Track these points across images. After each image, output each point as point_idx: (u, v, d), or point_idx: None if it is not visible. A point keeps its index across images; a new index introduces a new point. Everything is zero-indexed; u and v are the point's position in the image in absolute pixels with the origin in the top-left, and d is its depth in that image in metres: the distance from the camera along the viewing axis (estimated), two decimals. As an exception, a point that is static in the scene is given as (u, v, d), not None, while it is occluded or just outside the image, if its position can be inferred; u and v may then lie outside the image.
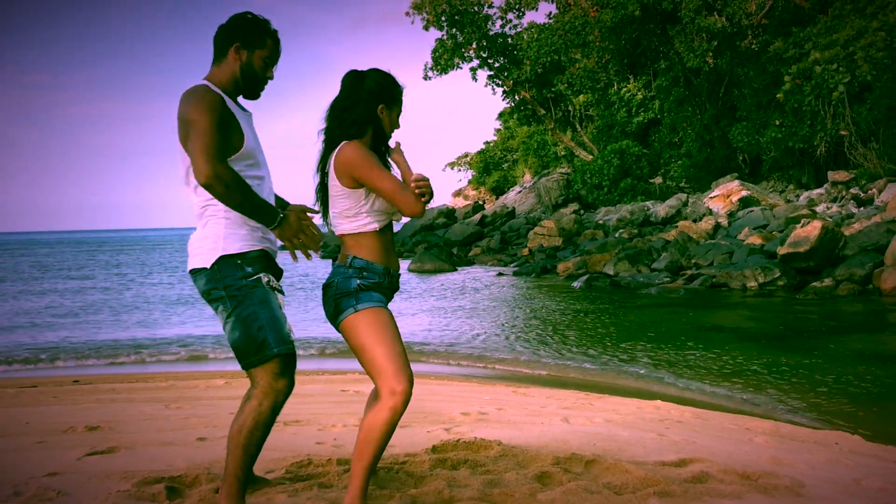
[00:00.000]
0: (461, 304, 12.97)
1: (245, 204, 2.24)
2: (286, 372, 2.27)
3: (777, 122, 20.69)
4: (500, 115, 40.54)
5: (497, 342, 9.11)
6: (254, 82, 2.41)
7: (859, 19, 18.69)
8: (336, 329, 2.36)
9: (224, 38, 2.37)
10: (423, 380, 6.17)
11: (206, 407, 4.55)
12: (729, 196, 20.16)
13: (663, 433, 3.87)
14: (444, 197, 43.30)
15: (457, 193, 41.72)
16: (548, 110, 30.30)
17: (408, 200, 2.31)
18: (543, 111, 30.05)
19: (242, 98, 2.46)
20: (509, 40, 28.59)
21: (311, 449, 3.22)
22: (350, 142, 2.34)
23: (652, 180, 25.60)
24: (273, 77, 2.45)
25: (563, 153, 32.45)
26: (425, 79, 28.64)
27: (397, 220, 2.49)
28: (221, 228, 2.28)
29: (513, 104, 31.27)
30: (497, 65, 29.01)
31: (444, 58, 27.88)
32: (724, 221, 18.81)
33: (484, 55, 28.43)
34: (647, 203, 23.08)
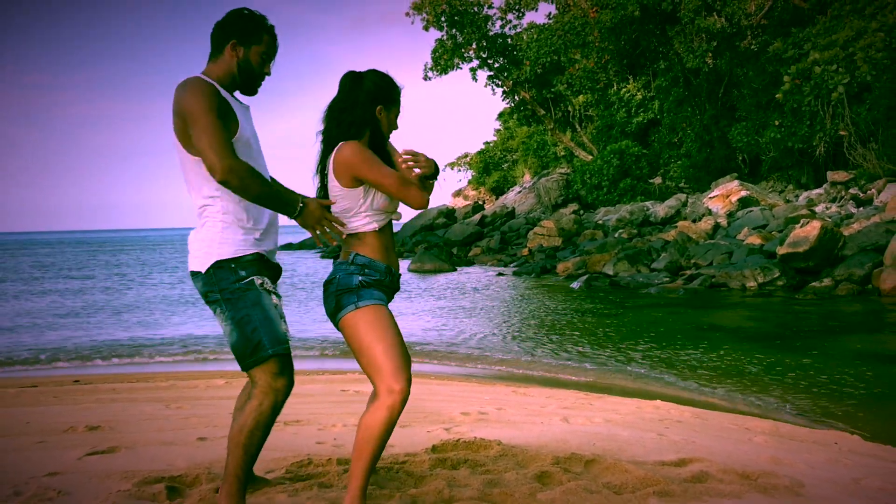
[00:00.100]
0: (461, 304, 12.98)
1: (262, 195, 2.24)
2: (285, 371, 2.28)
3: (776, 123, 20.70)
4: (500, 116, 40.56)
5: (497, 342, 9.11)
6: (251, 78, 2.40)
7: (858, 20, 18.71)
8: (335, 326, 2.35)
9: (220, 35, 2.37)
10: (423, 379, 6.17)
11: (207, 407, 4.55)
12: (728, 196, 20.17)
13: (663, 433, 3.87)
14: (444, 197, 43.29)
15: (457, 193, 41.72)
16: (547, 111, 30.31)
17: (412, 194, 2.33)
18: (543, 111, 30.06)
19: (240, 94, 2.45)
20: (509, 41, 28.60)
21: (312, 449, 3.23)
22: (348, 142, 2.34)
23: (651, 180, 25.61)
24: (270, 73, 2.44)
25: (563, 153, 32.47)
26: (425, 79, 28.65)
27: (396, 220, 2.49)
28: (217, 233, 2.28)
29: (512, 104, 31.28)
30: (497, 65, 29.02)
31: (444, 58, 27.89)
32: (724, 221, 18.82)
33: (484, 55, 28.44)
34: (647, 203, 23.09)
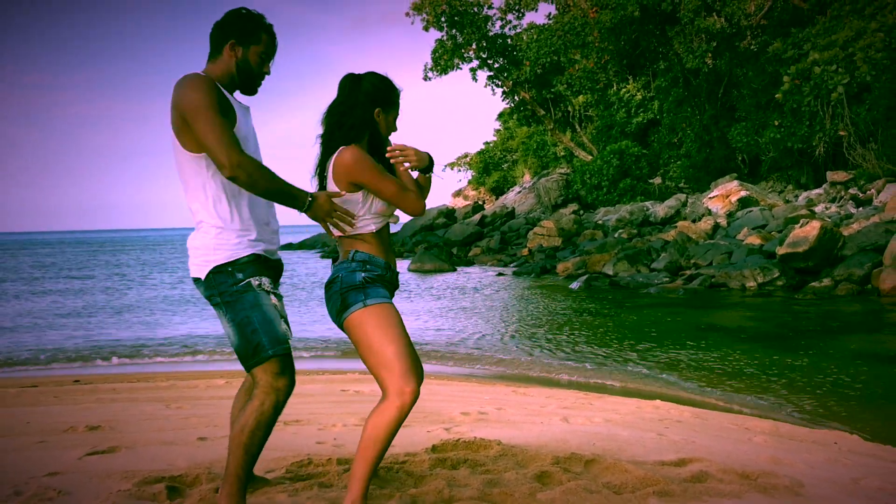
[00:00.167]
0: (461, 304, 12.98)
1: (271, 190, 2.25)
2: (286, 371, 2.28)
3: (776, 123, 20.71)
4: (500, 116, 40.56)
5: (497, 342, 9.12)
6: (250, 78, 2.40)
7: (858, 20, 18.71)
8: (339, 325, 2.33)
9: (219, 35, 2.37)
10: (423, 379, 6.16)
11: (207, 406, 4.55)
12: (728, 196, 20.18)
13: (662, 433, 3.88)
14: (444, 197, 43.30)
15: (456, 194, 41.72)
16: (547, 111, 30.31)
17: (410, 201, 2.34)
18: (543, 112, 30.07)
19: (240, 94, 2.45)
20: (509, 41, 28.61)
21: (312, 448, 3.23)
22: (349, 146, 2.34)
23: (651, 181, 25.62)
24: (270, 72, 2.44)
25: (563, 153, 32.47)
26: (425, 79, 28.65)
27: (394, 223, 2.49)
28: (211, 239, 2.29)
29: (512, 105, 31.28)
30: (497, 65, 29.02)
31: (444, 58, 27.89)
32: (723, 222, 18.83)
33: (483, 56, 28.44)
34: (647, 203, 23.10)
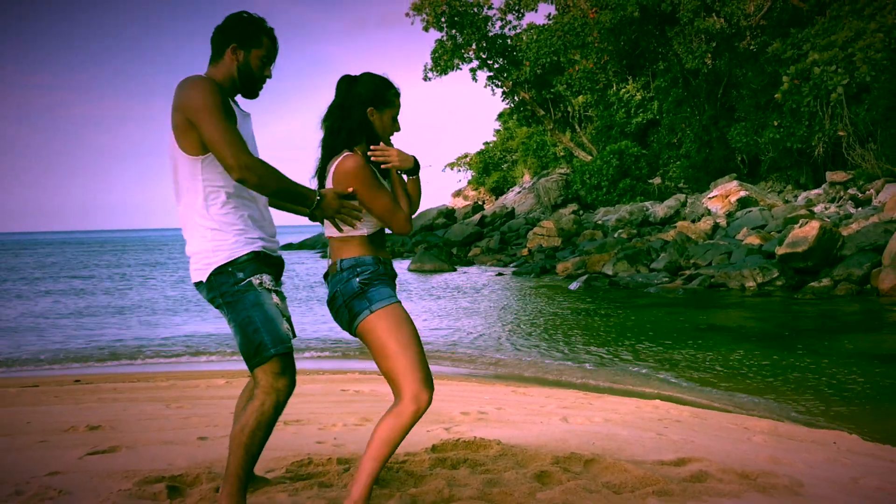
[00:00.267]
0: (461, 304, 12.98)
1: (280, 190, 2.26)
2: (286, 371, 2.28)
3: (775, 123, 20.71)
4: (500, 116, 40.54)
5: (496, 342, 9.12)
6: (251, 82, 2.40)
7: (857, 20, 18.72)
8: (353, 335, 2.34)
9: (220, 39, 2.37)
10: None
11: (207, 406, 4.56)
12: (727, 196, 20.19)
13: (662, 432, 3.88)
14: (444, 197, 43.31)
15: (456, 194, 41.69)
16: (547, 111, 30.31)
17: (398, 220, 2.34)
18: (543, 112, 30.07)
19: (242, 98, 2.45)
20: (509, 41, 28.60)
21: (312, 448, 3.23)
22: (352, 154, 2.34)
23: (651, 181, 25.62)
24: (271, 76, 2.44)
25: (563, 154, 32.46)
26: (425, 80, 28.64)
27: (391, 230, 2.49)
28: (209, 241, 2.29)
29: (512, 105, 31.28)
30: (496, 66, 29.02)
31: (444, 59, 27.89)
32: (723, 222, 18.84)
33: (483, 56, 28.43)
34: (646, 203, 23.10)
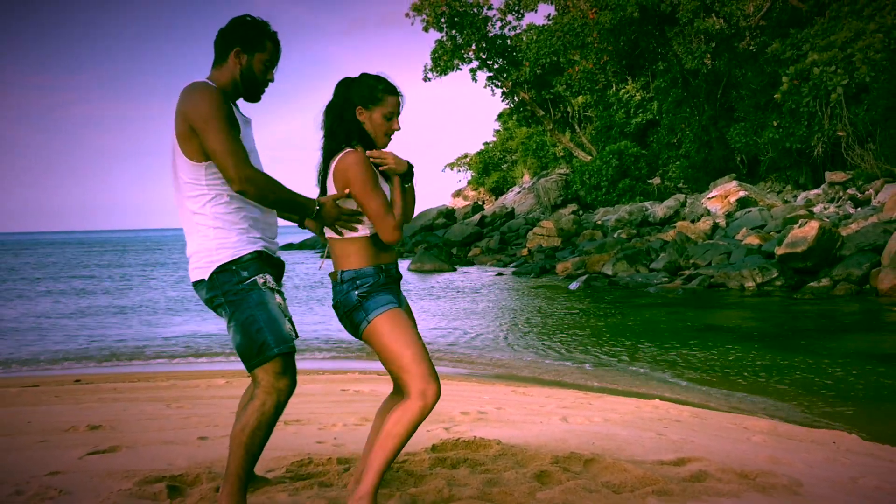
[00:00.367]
0: (460, 304, 12.99)
1: (280, 201, 2.29)
2: (287, 371, 2.29)
3: (775, 123, 20.72)
4: (500, 116, 40.53)
5: (496, 342, 9.13)
6: (254, 86, 2.41)
7: (856, 21, 18.72)
8: (361, 340, 2.40)
9: (223, 43, 2.37)
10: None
11: (207, 406, 4.56)
12: (727, 196, 20.20)
13: (662, 432, 3.89)
14: (444, 197, 43.32)
15: (456, 194, 41.69)
16: (547, 111, 30.32)
17: (388, 226, 2.32)
18: (542, 112, 30.07)
19: (244, 101, 2.46)
20: (508, 42, 28.60)
21: (312, 448, 3.24)
22: (353, 151, 2.35)
23: (650, 181, 25.63)
24: (273, 80, 2.45)
25: (562, 154, 32.46)
26: (425, 80, 28.63)
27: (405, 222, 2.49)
28: (211, 240, 2.30)
29: (512, 105, 31.27)
30: (496, 66, 29.01)
31: (444, 59, 27.88)
32: (722, 222, 18.85)
33: (483, 56, 28.43)
34: (646, 203, 23.11)
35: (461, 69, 28.52)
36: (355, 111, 2.38)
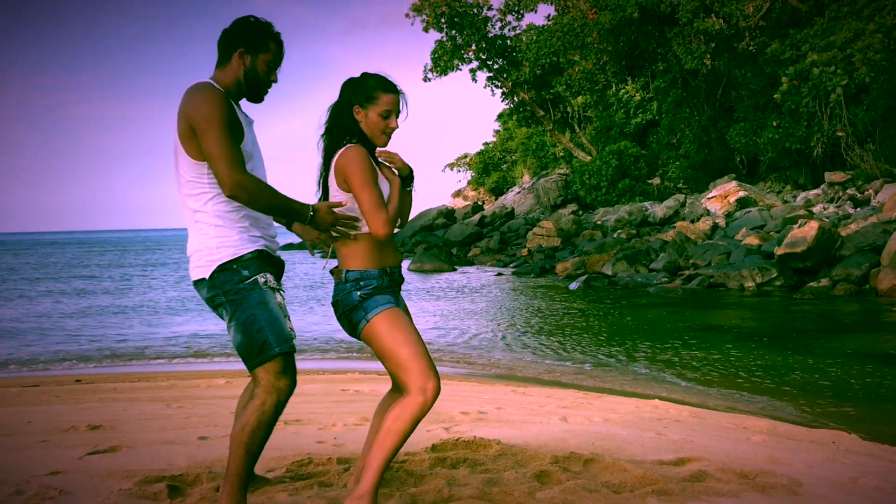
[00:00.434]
0: (460, 304, 12.99)
1: (272, 207, 2.28)
2: (287, 370, 2.29)
3: (774, 124, 20.73)
4: (499, 117, 40.52)
5: (496, 342, 9.13)
6: (258, 86, 2.43)
7: (856, 21, 18.73)
8: (359, 339, 2.40)
9: (227, 43, 2.39)
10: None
11: (208, 406, 4.56)
12: (726, 197, 20.21)
13: (661, 432, 3.89)
14: (444, 197, 43.32)
15: (456, 194, 41.69)
16: (546, 111, 30.32)
17: (379, 220, 2.29)
18: (542, 112, 30.07)
19: (247, 101, 2.48)
20: (508, 42, 28.61)
21: (312, 448, 3.24)
22: (354, 146, 2.35)
23: (650, 181, 25.64)
24: (277, 80, 2.47)
25: (562, 154, 32.47)
26: (425, 80, 28.63)
27: (399, 227, 2.49)
28: (212, 238, 2.30)
29: (512, 105, 31.28)
30: (496, 66, 29.01)
31: (444, 59, 27.88)
32: (722, 222, 18.86)
33: (483, 57, 28.43)
34: (646, 204, 23.12)
35: (461, 69, 28.52)
36: (353, 110, 2.39)
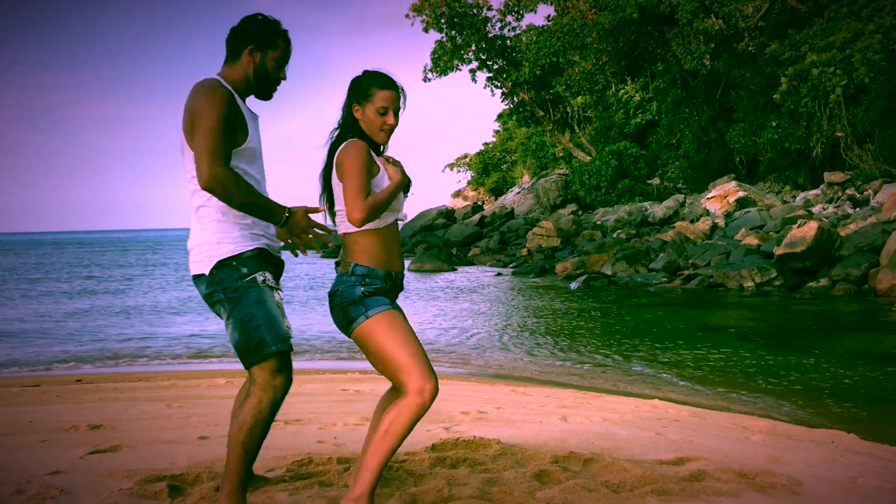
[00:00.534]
0: (460, 304, 13.00)
1: (247, 204, 2.27)
2: (283, 369, 2.29)
3: (773, 124, 20.74)
4: (499, 117, 40.54)
5: (496, 342, 9.14)
6: (267, 83, 2.44)
7: (855, 22, 18.75)
8: (347, 335, 2.38)
9: (237, 40, 2.40)
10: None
11: (208, 406, 4.57)
12: (726, 197, 20.22)
13: (661, 432, 3.90)
14: (444, 198, 43.33)
15: (456, 194, 41.70)
16: (546, 112, 30.33)
17: (356, 207, 2.26)
18: (542, 113, 30.08)
19: (255, 99, 2.49)
20: (508, 42, 28.61)
21: (312, 448, 3.25)
22: (357, 140, 2.36)
23: (650, 181, 25.65)
24: (286, 77, 2.48)
25: (562, 154, 32.48)
26: (425, 80, 28.63)
27: (402, 220, 2.50)
28: (213, 234, 2.31)
29: (511, 106, 31.29)
30: (496, 66, 29.02)
31: (444, 59, 27.89)
32: (721, 222, 18.87)
33: (483, 57, 28.43)
34: (645, 204, 23.13)
35: (461, 70, 28.53)
36: (352, 108, 2.41)
